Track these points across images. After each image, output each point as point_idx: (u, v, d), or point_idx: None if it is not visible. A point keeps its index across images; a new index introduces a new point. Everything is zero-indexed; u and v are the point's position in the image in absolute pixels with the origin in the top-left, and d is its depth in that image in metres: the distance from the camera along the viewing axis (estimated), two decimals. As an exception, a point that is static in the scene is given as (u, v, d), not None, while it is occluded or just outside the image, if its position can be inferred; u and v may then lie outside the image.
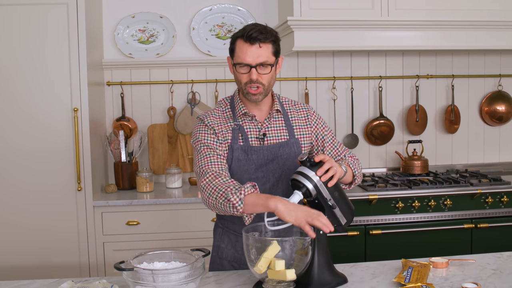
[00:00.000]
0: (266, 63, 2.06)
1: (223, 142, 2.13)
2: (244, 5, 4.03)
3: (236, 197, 1.87)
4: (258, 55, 2.04)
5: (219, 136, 2.14)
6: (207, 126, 2.15)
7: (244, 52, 2.04)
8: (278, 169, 2.16)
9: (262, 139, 2.17)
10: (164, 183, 3.93)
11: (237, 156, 2.13)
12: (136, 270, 1.78)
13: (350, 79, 4.13)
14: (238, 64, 2.07)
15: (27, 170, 3.35)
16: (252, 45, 2.03)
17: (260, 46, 2.04)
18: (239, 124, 2.16)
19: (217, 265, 2.27)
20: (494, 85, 4.32)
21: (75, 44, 3.33)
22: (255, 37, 2.02)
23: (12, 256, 3.37)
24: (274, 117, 2.21)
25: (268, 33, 2.06)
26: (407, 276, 1.95)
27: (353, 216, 2.03)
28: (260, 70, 2.06)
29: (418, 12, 3.64)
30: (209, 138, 2.13)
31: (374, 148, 4.23)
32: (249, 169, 2.13)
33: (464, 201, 3.56)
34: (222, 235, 2.27)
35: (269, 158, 2.15)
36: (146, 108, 4.02)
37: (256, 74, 2.06)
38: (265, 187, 2.15)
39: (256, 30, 2.03)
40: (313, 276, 1.89)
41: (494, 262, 2.18)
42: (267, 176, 2.16)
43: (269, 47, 2.06)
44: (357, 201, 3.45)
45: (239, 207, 1.87)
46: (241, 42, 2.06)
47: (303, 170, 1.91)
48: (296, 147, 2.19)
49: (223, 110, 2.21)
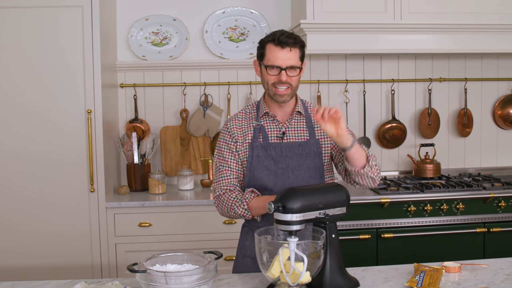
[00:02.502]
0: (295, 66, 2.19)
1: (243, 143, 2.28)
2: (257, 8, 4.04)
3: (241, 208, 2.19)
4: (288, 58, 2.17)
5: (238, 139, 2.29)
6: (227, 131, 2.33)
7: (275, 55, 2.17)
8: (297, 168, 2.25)
9: (282, 137, 2.27)
10: (176, 185, 3.94)
11: (257, 153, 2.25)
12: (149, 272, 1.79)
13: (362, 82, 4.13)
14: (269, 67, 2.19)
15: (40, 172, 3.38)
16: (283, 48, 2.17)
17: (290, 50, 2.17)
18: (260, 124, 2.29)
19: (240, 264, 2.34)
20: (508, 89, 4.30)
21: (89, 46, 3.35)
22: (285, 41, 2.16)
23: (26, 258, 3.39)
24: (296, 118, 2.32)
25: (296, 38, 2.20)
26: (419, 281, 1.95)
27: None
28: (289, 72, 2.19)
29: (431, 15, 3.63)
30: (225, 147, 2.31)
31: (386, 151, 4.22)
32: (268, 164, 2.24)
33: (476, 205, 3.54)
34: (247, 234, 2.35)
35: (288, 155, 2.25)
36: (159, 110, 4.04)
37: (285, 76, 2.18)
38: (284, 184, 2.23)
39: (286, 35, 2.18)
40: (325, 280, 1.89)
41: (507, 267, 2.17)
42: (286, 173, 2.25)
43: (297, 51, 2.20)
44: (369, 205, 3.45)
45: (247, 215, 2.20)
46: (271, 46, 2.18)
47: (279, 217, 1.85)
48: (317, 147, 2.28)
49: (249, 111, 2.36)
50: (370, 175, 2.17)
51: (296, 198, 1.83)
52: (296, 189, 1.90)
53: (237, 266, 2.36)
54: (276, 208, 1.83)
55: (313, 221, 1.89)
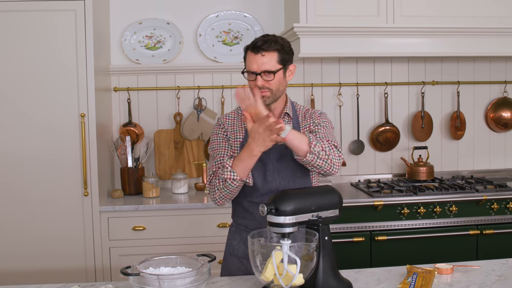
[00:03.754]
0: (269, 71, 2.18)
1: (234, 140, 2.30)
2: (251, 12, 4.05)
3: (226, 172, 2.13)
4: (262, 63, 2.18)
5: (231, 135, 2.32)
6: (219, 126, 2.36)
7: (251, 60, 2.21)
8: (284, 168, 2.27)
9: None
10: (170, 189, 3.94)
11: None
12: (142, 275, 1.80)
13: (356, 85, 4.14)
14: (246, 72, 2.24)
15: (34, 175, 3.37)
16: (256, 54, 2.19)
17: (263, 54, 2.18)
18: None
19: (227, 262, 2.38)
20: (500, 92, 4.32)
21: (83, 50, 3.35)
22: (259, 46, 2.18)
23: (19, 261, 3.39)
24: (284, 120, 2.32)
25: (272, 42, 2.19)
26: (412, 282, 1.96)
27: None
28: (264, 77, 2.19)
29: (424, 19, 3.65)
30: (220, 138, 2.33)
31: (379, 154, 4.23)
32: (257, 165, 2.23)
33: (469, 207, 3.56)
34: (235, 233, 2.38)
35: (276, 156, 2.26)
36: (153, 113, 4.04)
37: (261, 81, 2.20)
38: (271, 185, 2.26)
39: (261, 40, 2.19)
40: (318, 282, 1.90)
41: (499, 268, 2.18)
42: (273, 175, 2.27)
43: (274, 55, 2.19)
44: (363, 207, 3.46)
45: (234, 176, 2.13)
46: (249, 52, 2.22)
47: (272, 219, 1.85)
48: None
49: (241, 112, 2.36)
50: (318, 163, 2.10)
51: (289, 201, 1.84)
52: (289, 191, 1.91)
53: (225, 265, 2.40)
54: (269, 211, 1.83)
55: (306, 223, 1.90)
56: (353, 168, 4.21)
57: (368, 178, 4.14)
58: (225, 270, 2.38)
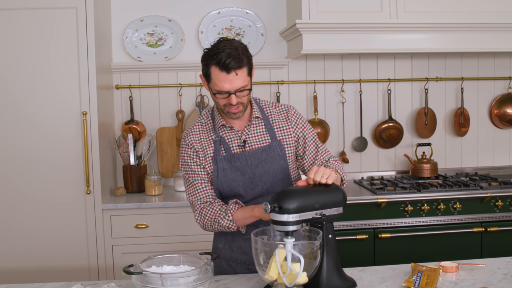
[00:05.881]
0: (244, 88, 2.07)
1: (205, 158, 2.20)
2: (253, 8, 4.03)
3: (226, 220, 2.12)
4: (236, 83, 2.05)
5: (200, 154, 2.21)
6: (188, 146, 2.24)
7: (222, 80, 2.04)
8: (264, 174, 2.20)
9: (243, 146, 2.21)
10: (172, 186, 3.93)
11: (222, 166, 2.19)
12: (145, 274, 1.78)
13: (358, 82, 4.12)
14: (217, 92, 2.08)
15: (36, 174, 3.37)
16: (228, 73, 2.03)
17: (237, 73, 2.03)
18: (219, 135, 2.21)
19: (216, 265, 2.28)
20: (504, 88, 4.30)
21: (84, 47, 3.34)
22: (231, 67, 2.01)
23: (22, 259, 3.38)
24: (254, 123, 2.24)
25: (240, 57, 2.03)
26: (416, 281, 1.94)
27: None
28: (239, 94, 2.07)
29: (427, 14, 3.62)
30: (191, 161, 2.23)
31: (383, 151, 4.22)
32: (235, 176, 2.18)
33: (473, 204, 3.54)
34: (219, 236, 2.33)
35: (253, 163, 2.19)
36: (155, 111, 4.03)
37: (235, 99, 2.07)
38: (254, 192, 2.20)
39: (230, 57, 2.01)
40: (322, 280, 1.88)
41: (504, 266, 2.16)
42: (255, 182, 2.20)
43: (244, 70, 2.06)
44: (366, 205, 3.44)
45: (232, 226, 2.13)
46: (216, 70, 2.04)
47: (276, 218, 1.83)
48: (280, 149, 2.22)
49: (205, 122, 2.27)
50: (344, 178, 2.24)
51: (292, 199, 1.82)
52: (293, 189, 1.89)
53: (214, 268, 2.30)
54: (272, 209, 1.82)
55: (310, 221, 1.88)
56: (356, 165, 4.19)
57: (372, 175, 4.13)
58: (216, 273, 2.29)
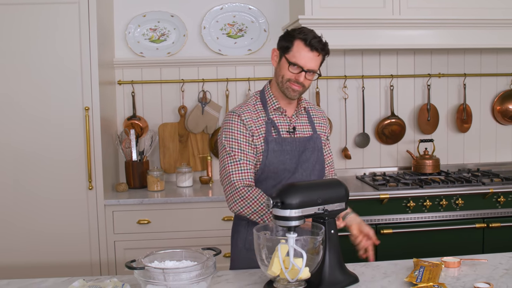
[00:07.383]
0: (314, 71, 2.23)
1: (259, 137, 2.25)
2: (255, 4, 4.03)
3: (268, 217, 2.14)
4: (312, 63, 2.20)
5: (255, 132, 2.25)
6: (241, 123, 2.25)
7: (303, 55, 2.19)
8: (306, 161, 2.31)
9: (293, 133, 2.31)
10: (175, 182, 3.93)
11: (272, 148, 2.25)
12: (147, 269, 1.78)
13: (361, 78, 4.12)
14: (292, 64, 2.20)
15: (38, 169, 3.37)
16: (311, 51, 2.19)
17: (318, 54, 2.20)
18: (270, 118, 2.30)
19: (243, 257, 2.32)
20: (507, 84, 4.29)
21: (87, 43, 3.34)
22: (316, 46, 2.18)
23: (24, 255, 3.39)
24: (301, 113, 2.38)
25: (325, 45, 2.22)
26: (418, 276, 1.94)
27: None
28: (308, 75, 2.22)
29: (430, 10, 3.62)
30: (242, 139, 2.24)
31: (385, 147, 4.21)
32: (284, 159, 2.26)
33: (476, 200, 3.54)
34: (248, 227, 2.33)
35: (300, 150, 2.30)
36: (157, 107, 4.03)
37: (303, 77, 2.21)
38: (294, 177, 2.28)
39: (318, 40, 2.19)
40: (324, 275, 1.88)
41: (506, 261, 2.16)
42: (298, 167, 2.29)
43: (321, 57, 2.23)
44: (368, 200, 3.44)
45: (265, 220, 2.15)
46: (301, 45, 2.19)
47: (278, 213, 1.83)
48: (319, 142, 2.37)
49: (254, 103, 2.33)
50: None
51: (295, 194, 1.82)
52: (295, 184, 1.89)
53: (241, 259, 2.35)
54: (275, 204, 1.82)
55: (312, 216, 1.88)
56: (359, 161, 4.19)
57: (374, 171, 4.13)
58: (242, 263, 2.32)
